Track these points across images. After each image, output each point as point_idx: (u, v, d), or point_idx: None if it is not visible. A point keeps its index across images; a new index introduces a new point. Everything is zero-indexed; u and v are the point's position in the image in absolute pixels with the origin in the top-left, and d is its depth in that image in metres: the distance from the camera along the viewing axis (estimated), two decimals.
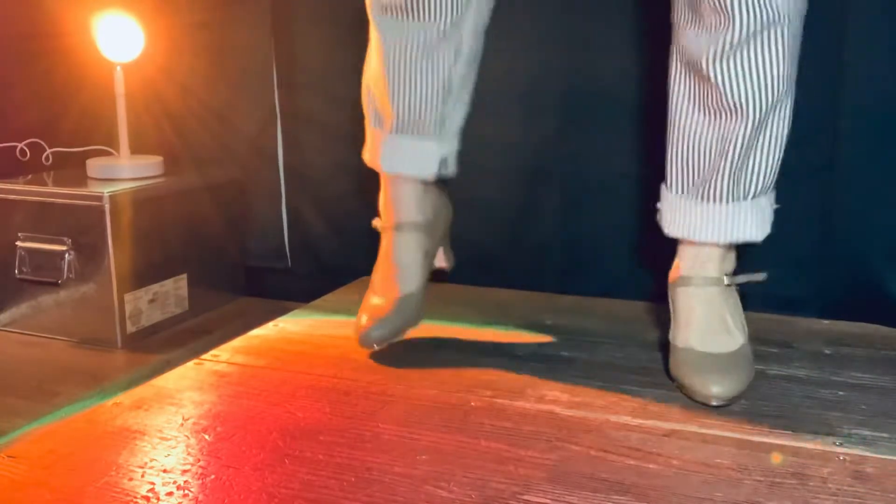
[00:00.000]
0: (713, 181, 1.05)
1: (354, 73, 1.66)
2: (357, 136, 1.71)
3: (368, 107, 1.23)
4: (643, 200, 1.49)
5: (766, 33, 0.96)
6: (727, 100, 1.00)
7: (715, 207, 1.06)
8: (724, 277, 1.08)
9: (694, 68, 1.02)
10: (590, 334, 1.28)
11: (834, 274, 1.39)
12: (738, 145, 1.01)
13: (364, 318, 1.18)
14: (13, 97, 1.84)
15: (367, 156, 1.25)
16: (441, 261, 1.30)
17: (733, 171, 1.03)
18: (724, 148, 1.03)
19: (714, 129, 1.03)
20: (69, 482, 0.85)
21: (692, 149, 1.06)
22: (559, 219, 1.57)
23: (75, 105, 1.87)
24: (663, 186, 1.13)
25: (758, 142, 1.02)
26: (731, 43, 0.97)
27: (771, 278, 1.21)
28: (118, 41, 1.68)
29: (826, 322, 1.32)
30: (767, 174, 1.05)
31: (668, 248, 1.18)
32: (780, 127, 1.02)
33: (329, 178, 1.75)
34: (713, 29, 0.98)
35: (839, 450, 0.90)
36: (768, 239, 1.38)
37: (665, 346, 1.10)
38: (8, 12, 1.80)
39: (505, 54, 1.52)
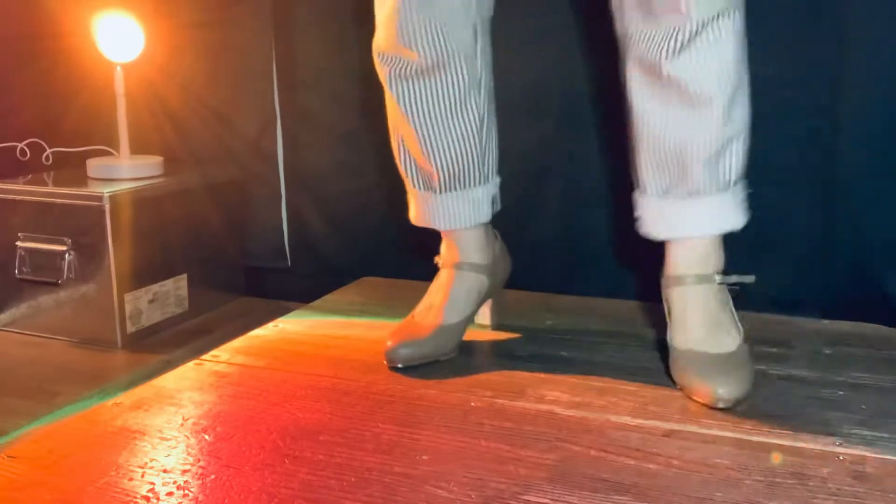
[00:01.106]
0: (691, 177, 1.05)
1: (354, 73, 1.67)
2: (357, 136, 1.71)
3: (407, 168, 1.21)
4: None
5: (716, 22, 0.97)
6: (691, 93, 1.00)
7: (696, 202, 1.06)
8: (716, 276, 1.07)
9: (653, 71, 1.02)
10: (590, 334, 1.28)
11: (834, 274, 1.39)
12: (710, 137, 1.02)
13: (395, 338, 1.16)
14: (13, 97, 1.84)
15: (417, 217, 1.23)
16: (485, 318, 1.29)
17: (709, 163, 1.03)
18: (696, 142, 1.03)
19: (683, 125, 1.03)
20: (69, 482, 0.85)
21: (665, 149, 1.06)
22: (559, 219, 1.57)
23: (75, 105, 1.87)
24: (637, 194, 1.12)
25: (727, 130, 1.02)
26: (686, 37, 0.98)
27: (771, 278, 1.22)
28: (118, 41, 1.68)
29: (826, 322, 1.32)
30: (741, 161, 1.05)
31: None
32: (743, 112, 1.03)
33: (329, 178, 1.75)
34: (668, 28, 0.99)
35: (839, 450, 0.90)
36: (768, 239, 1.38)
37: (664, 346, 1.10)
38: (8, 12, 1.80)
39: (505, 55, 1.52)
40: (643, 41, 1.02)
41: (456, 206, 1.20)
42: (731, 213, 1.06)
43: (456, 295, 1.20)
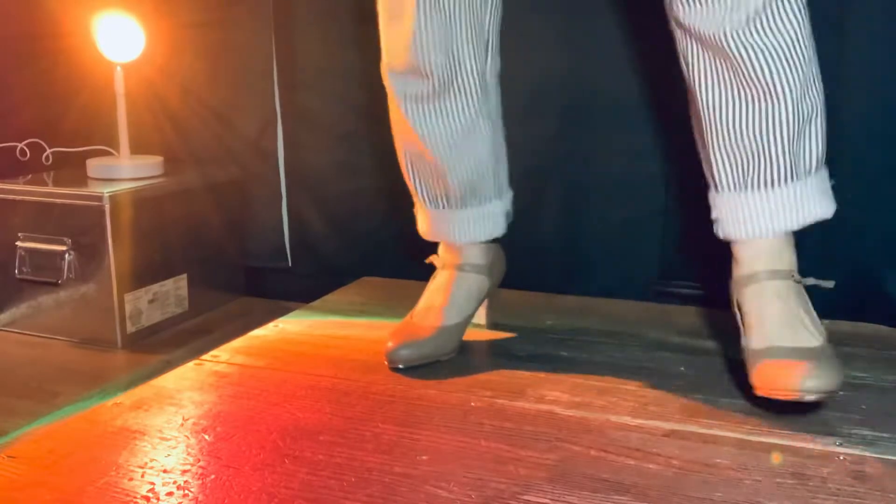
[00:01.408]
0: (772, 163, 0.98)
1: (354, 73, 1.67)
2: (357, 136, 1.71)
3: (417, 185, 1.21)
4: (644, 200, 1.50)
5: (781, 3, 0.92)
6: (758, 74, 0.94)
7: (780, 192, 0.99)
8: (793, 273, 1.01)
9: (715, 49, 0.96)
10: (590, 334, 1.28)
11: (834, 274, 1.38)
12: (787, 118, 0.96)
13: (396, 339, 1.16)
14: (13, 97, 1.83)
15: (429, 231, 1.23)
16: (480, 317, 1.29)
17: (790, 147, 0.97)
18: (772, 125, 0.96)
19: (756, 108, 0.97)
20: (69, 482, 0.85)
21: (738, 137, 0.99)
22: (559, 219, 1.57)
23: (75, 105, 1.87)
24: (712, 194, 1.05)
25: (804, 110, 0.96)
26: (753, 8, 0.92)
27: None
28: (118, 41, 1.68)
29: (826, 322, 1.31)
30: (820, 144, 0.99)
31: (668, 248, 1.18)
32: (817, 89, 0.98)
33: (329, 178, 1.75)
34: (728, 1, 0.92)
35: (839, 450, 0.90)
36: None
37: (665, 346, 1.10)
38: (8, 12, 1.80)
39: (505, 55, 1.52)
40: (700, 17, 0.95)
41: (472, 221, 1.20)
42: (818, 201, 1.00)
43: (457, 296, 1.20)
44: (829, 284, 1.04)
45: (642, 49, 1.45)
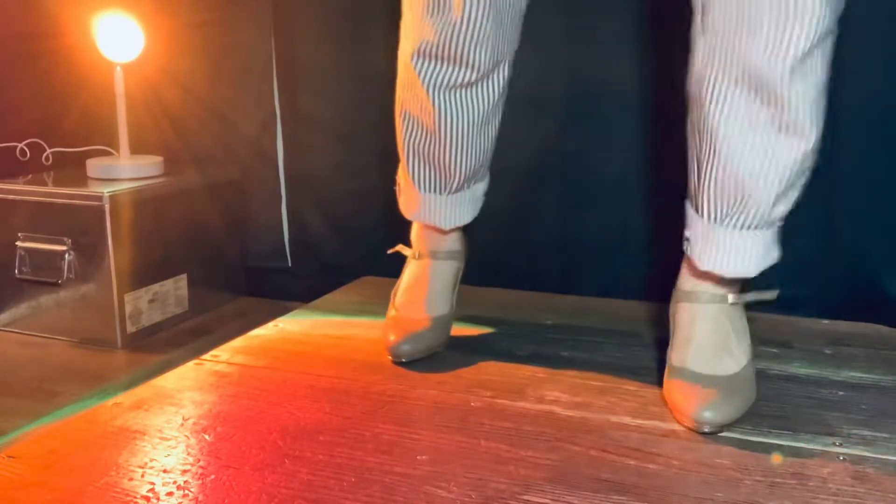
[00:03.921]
0: (756, 207, 0.95)
1: (354, 74, 1.67)
2: (357, 137, 1.71)
3: (416, 171, 1.18)
4: (643, 200, 1.50)
5: (828, 40, 0.87)
6: (795, 119, 0.89)
7: (751, 237, 0.97)
8: (730, 295, 1.01)
9: (759, 88, 0.89)
10: (590, 334, 1.28)
11: (834, 274, 1.39)
12: (795, 168, 0.92)
13: (396, 333, 1.17)
14: (13, 97, 1.84)
15: (416, 213, 1.22)
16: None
17: (780, 194, 0.94)
18: (780, 172, 0.92)
19: (766, 153, 0.92)
20: (69, 482, 0.85)
21: (741, 175, 0.93)
22: (559, 219, 1.57)
23: (75, 105, 1.87)
24: (692, 212, 1.01)
25: (809, 162, 0.93)
26: (803, 50, 0.85)
27: (771, 278, 1.21)
28: (118, 41, 1.68)
29: (826, 322, 1.32)
30: (798, 196, 0.97)
31: (668, 248, 1.17)
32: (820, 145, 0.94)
33: (329, 178, 1.75)
34: (783, 33, 0.85)
35: (839, 450, 0.90)
36: None
37: (665, 346, 1.10)
38: (8, 12, 1.80)
39: None
40: (748, 48, 0.87)
41: (462, 205, 1.20)
42: (774, 248, 1.00)
43: (440, 286, 1.21)
44: (772, 296, 1.04)
45: (643, 49, 1.45)
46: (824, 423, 0.96)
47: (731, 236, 0.98)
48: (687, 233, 1.03)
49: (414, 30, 1.06)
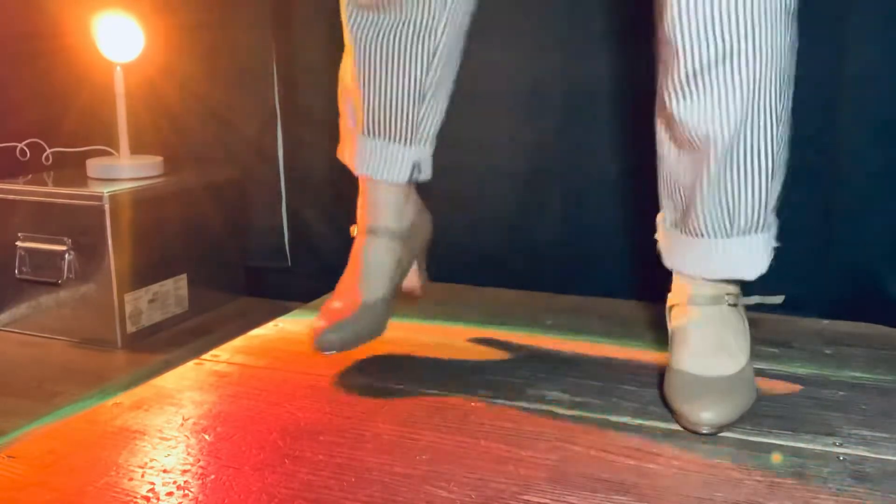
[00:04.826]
0: (692, 215, 1.00)
1: None
2: None
3: (344, 105, 1.17)
4: (643, 200, 1.49)
5: (719, 67, 0.91)
6: (685, 134, 0.96)
7: (697, 242, 1.01)
8: (727, 297, 1.02)
9: (660, 101, 0.99)
10: (590, 334, 1.28)
11: (834, 274, 1.39)
12: (706, 179, 0.97)
13: (321, 321, 1.10)
14: (13, 97, 1.84)
15: (342, 154, 1.20)
16: (413, 281, 1.21)
17: (708, 205, 0.98)
18: (693, 181, 0.98)
19: (683, 161, 1.00)
20: (69, 482, 0.85)
21: (671, 181, 1.03)
22: (559, 219, 1.57)
23: (75, 105, 1.87)
24: (658, 216, 1.09)
25: (727, 176, 0.96)
26: (681, 77, 0.93)
27: (771, 278, 1.21)
28: (118, 41, 1.68)
29: (826, 322, 1.32)
30: (751, 210, 0.98)
31: None
32: (753, 161, 0.96)
33: (329, 177, 1.75)
34: (667, 62, 0.94)
35: (839, 450, 0.90)
36: None
37: (665, 347, 1.10)
38: (8, 12, 1.80)
39: (504, 54, 1.52)
40: (658, 70, 0.98)
41: (375, 153, 1.14)
42: (741, 261, 1.00)
43: (372, 268, 1.13)
44: (778, 300, 1.04)
45: (644, 49, 1.45)
46: (824, 423, 0.96)
47: (685, 242, 1.03)
48: (656, 234, 1.08)
49: None
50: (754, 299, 1.04)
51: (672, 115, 0.97)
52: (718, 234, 1.00)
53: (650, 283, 1.15)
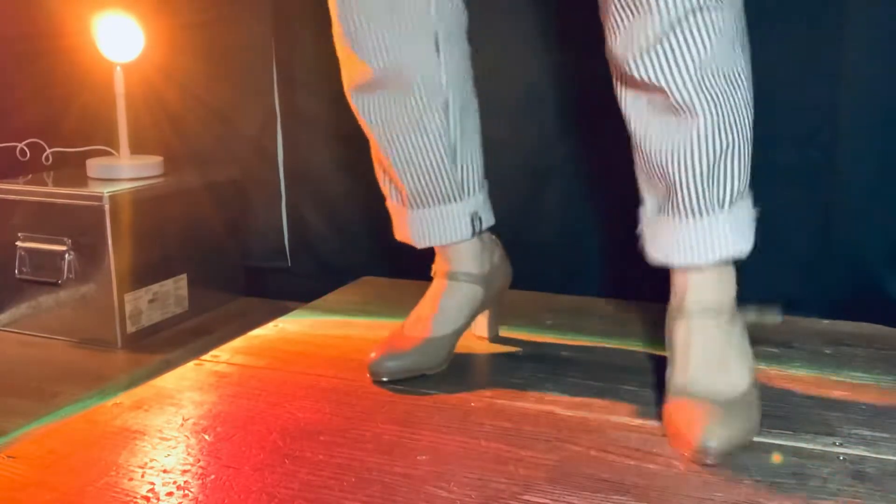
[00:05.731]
0: (680, 194, 0.95)
1: None
2: (357, 137, 1.71)
3: (385, 183, 1.19)
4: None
5: (691, 19, 0.88)
6: (668, 99, 0.92)
7: (689, 224, 0.96)
8: (725, 310, 0.97)
9: (626, 76, 0.95)
10: (590, 334, 1.28)
11: (834, 274, 1.39)
12: (699, 148, 0.92)
13: (381, 348, 1.13)
14: (13, 97, 1.84)
15: (398, 234, 1.20)
16: (482, 329, 1.25)
17: (702, 178, 0.93)
18: (684, 153, 0.93)
19: (666, 136, 0.95)
20: (69, 482, 0.85)
21: (652, 162, 0.97)
22: (559, 219, 1.57)
23: (75, 105, 1.87)
24: (640, 209, 1.04)
25: (718, 142, 0.92)
26: (653, 34, 0.89)
27: (771, 278, 1.21)
28: (118, 41, 1.68)
29: (826, 322, 1.32)
30: (740, 177, 0.94)
31: None
32: (741, 119, 0.93)
33: (329, 178, 1.75)
34: (634, 26, 0.90)
35: (839, 450, 0.90)
36: (769, 239, 1.38)
37: (664, 346, 1.10)
38: (8, 12, 1.80)
39: (504, 54, 1.52)
40: (615, 46, 0.94)
41: (428, 222, 1.15)
42: (731, 237, 0.95)
43: (446, 306, 1.15)
44: (776, 319, 1.02)
45: None
46: (824, 423, 0.96)
47: (673, 226, 0.97)
48: (638, 230, 1.04)
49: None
50: (750, 315, 1.01)
51: (641, 77, 0.92)
52: (711, 210, 0.95)
53: (650, 283, 1.15)
